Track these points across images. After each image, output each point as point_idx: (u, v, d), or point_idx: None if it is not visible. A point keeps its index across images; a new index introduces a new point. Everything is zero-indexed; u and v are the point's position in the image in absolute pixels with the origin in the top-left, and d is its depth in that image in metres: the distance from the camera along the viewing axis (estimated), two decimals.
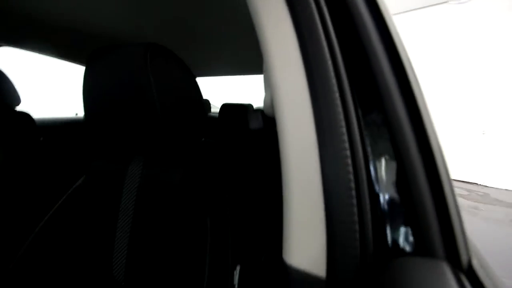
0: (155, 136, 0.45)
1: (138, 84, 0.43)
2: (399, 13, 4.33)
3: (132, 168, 0.51)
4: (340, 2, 0.28)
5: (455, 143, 4.00)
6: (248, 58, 1.51)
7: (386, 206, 0.22)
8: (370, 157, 0.23)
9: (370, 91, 0.25)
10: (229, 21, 0.97)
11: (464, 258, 0.20)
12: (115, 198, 0.51)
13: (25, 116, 0.94)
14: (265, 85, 0.36)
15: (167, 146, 0.46)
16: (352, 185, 0.22)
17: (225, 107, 2.02)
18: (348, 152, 0.23)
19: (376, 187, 0.23)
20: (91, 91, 0.48)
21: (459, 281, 0.17)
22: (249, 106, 2.17)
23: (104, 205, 0.52)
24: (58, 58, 1.48)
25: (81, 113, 1.71)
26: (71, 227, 0.54)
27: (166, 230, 0.45)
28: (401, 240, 0.21)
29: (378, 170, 0.23)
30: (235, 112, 1.98)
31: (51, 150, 1.24)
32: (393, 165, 0.22)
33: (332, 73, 0.25)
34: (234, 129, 1.82)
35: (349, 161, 0.22)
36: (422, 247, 0.20)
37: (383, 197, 0.22)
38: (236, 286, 0.37)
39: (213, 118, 2.01)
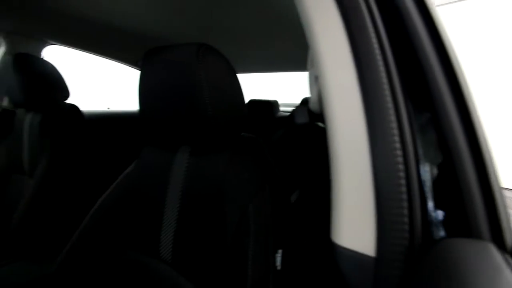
0: (203, 128, 0.49)
1: (190, 80, 0.47)
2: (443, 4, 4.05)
3: (179, 156, 0.56)
4: (390, 1, 0.29)
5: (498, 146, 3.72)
6: (290, 56, 1.52)
7: (433, 191, 0.24)
8: (419, 145, 0.25)
9: (420, 87, 0.26)
10: (271, 20, 1.00)
11: (509, 240, 0.21)
12: (163, 183, 0.56)
13: (74, 108, 1.04)
14: (310, 82, 0.38)
15: (213, 137, 0.50)
16: (401, 167, 0.24)
17: (252, 103, 2.07)
18: (397, 142, 0.25)
19: (424, 172, 0.24)
20: (146, 86, 0.53)
21: (506, 260, 0.19)
22: (274, 103, 2.20)
23: (153, 189, 0.57)
24: (102, 57, 1.59)
25: (112, 107, 1.84)
26: (122, 209, 0.60)
27: (211, 215, 0.49)
28: (447, 222, 0.23)
29: (427, 157, 0.25)
30: (262, 107, 2.03)
31: (100, 140, 1.36)
32: (440, 152, 0.24)
33: (382, 72, 0.27)
34: (260, 122, 1.87)
35: (398, 147, 0.24)
36: (468, 229, 0.22)
37: (431, 182, 0.24)
38: (279, 268, 0.41)
39: (282, 117, 2.04)
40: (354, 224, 0.25)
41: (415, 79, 0.27)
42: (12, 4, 0.99)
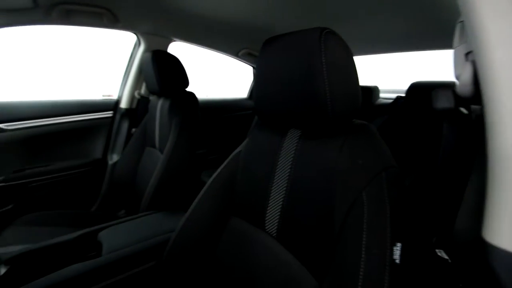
0: (318, 112, 0.50)
1: (311, 65, 0.48)
2: None
3: (288, 138, 0.60)
4: None
5: None
6: (416, 34, 1.36)
7: None
8: None
9: None
10: None
11: None
12: (271, 163, 0.61)
13: (193, 95, 1.23)
14: (456, 61, 0.33)
15: (327, 122, 0.51)
16: None
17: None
18: None
19: None
20: (264, 71, 0.58)
21: None
22: (374, 89, 2.02)
23: (261, 167, 0.63)
24: (209, 49, 1.80)
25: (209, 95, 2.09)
26: (231, 182, 0.69)
27: (319, 199, 0.51)
28: None
29: None
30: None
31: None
32: None
33: None
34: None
35: None
36: None
37: None
38: (398, 262, 0.39)
39: (383, 105, 1.97)
40: None
41: None
42: (150, 10, 1.22)
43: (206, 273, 0.69)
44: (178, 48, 1.68)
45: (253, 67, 2.27)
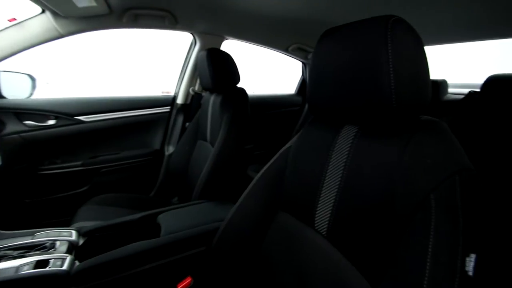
0: (380, 108, 0.46)
1: (375, 56, 0.45)
2: None
3: (343, 134, 0.57)
4: None
5: None
6: (497, 19, 1.19)
7: None
8: None
9: None
10: None
11: None
12: (323, 159, 0.59)
13: (243, 91, 1.26)
14: None
15: (390, 118, 0.47)
16: None
17: None
18: None
19: None
20: (320, 64, 0.57)
21: None
22: (442, 83, 1.81)
23: (312, 163, 0.62)
24: (264, 47, 1.82)
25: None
26: (281, 177, 0.68)
27: (378, 200, 0.47)
28: None
29: None
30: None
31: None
32: None
33: None
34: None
35: None
36: None
37: None
38: (471, 274, 0.34)
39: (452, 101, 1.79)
40: None
41: None
42: (206, 11, 1.29)
43: (252, 264, 0.70)
44: (229, 46, 1.74)
45: (303, 62, 2.22)
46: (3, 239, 0.73)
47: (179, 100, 1.72)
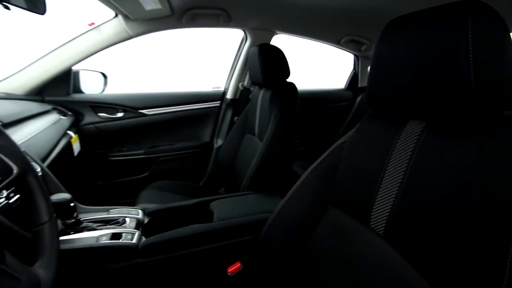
0: (455, 102, 0.43)
1: (453, 43, 0.42)
2: None
3: (408, 129, 0.53)
4: None
5: None
6: None
7: None
8: None
9: None
10: None
11: None
12: (383, 155, 0.56)
13: (293, 85, 1.25)
14: None
15: (466, 114, 0.42)
16: None
17: None
18: None
19: None
20: (385, 55, 0.54)
21: None
22: None
23: (369, 159, 0.59)
24: (314, 40, 1.79)
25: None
26: (333, 172, 0.67)
27: (449, 203, 0.43)
28: None
29: None
30: None
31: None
32: None
33: None
34: None
35: None
36: None
37: None
38: None
39: None
40: None
41: None
42: (258, 7, 1.31)
43: (298, 257, 0.71)
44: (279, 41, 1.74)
45: (355, 55, 2.12)
46: (83, 213, 0.86)
47: (229, 95, 1.79)
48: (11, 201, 0.58)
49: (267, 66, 1.22)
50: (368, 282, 0.54)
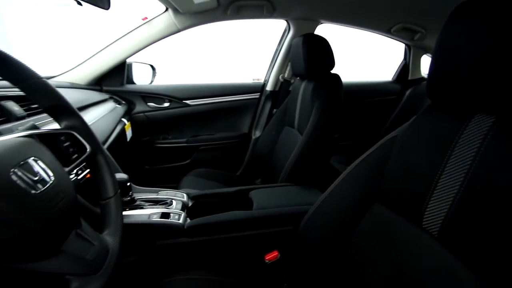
0: None
1: None
2: None
3: (474, 124, 0.49)
4: None
5: None
6: None
7: None
8: None
9: None
10: None
11: None
12: (442, 150, 0.51)
13: (337, 77, 1.21)
14: None
15: None
16: None
17: None
18: None
19: None
20: (450, 43, 0.49)
21: None
22: None
23: (426, 154, 0.55)
24: (362, 29, 1.70)
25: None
26: (380, 169, 0.64)
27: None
28: None
29: None
30: None
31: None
32: None
33: None
34: None
35: None
36: None
37: None
38: None
39: None
40: None
41: None
42: None
43: (338, 252, 0.70)
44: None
45: (407, 44, 1.95)
46: (136, 192, 0.94)
47: (269, 87, 1.79)
48: (79, 177, 0.66)
49: (311, 56, 1.19)
50: (418, 281, 0.51)
